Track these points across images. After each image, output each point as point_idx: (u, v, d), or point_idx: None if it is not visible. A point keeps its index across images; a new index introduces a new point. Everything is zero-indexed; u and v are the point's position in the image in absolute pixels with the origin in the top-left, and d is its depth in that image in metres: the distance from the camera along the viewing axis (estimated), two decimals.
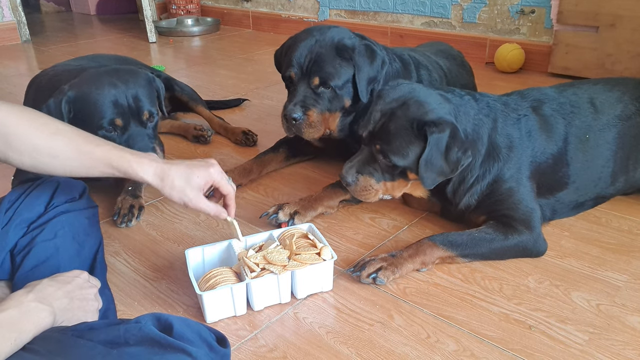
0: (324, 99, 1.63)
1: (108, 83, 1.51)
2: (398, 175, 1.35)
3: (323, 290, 1.25)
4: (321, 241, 1.27)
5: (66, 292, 0.94)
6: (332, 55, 1.61)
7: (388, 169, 1.34)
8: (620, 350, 1.07)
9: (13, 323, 0.81)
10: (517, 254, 1.36)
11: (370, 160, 1.36)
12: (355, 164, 1.37)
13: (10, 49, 3.98)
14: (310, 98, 1.62)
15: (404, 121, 1.29)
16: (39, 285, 0.91)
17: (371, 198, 1.39)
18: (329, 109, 1.65)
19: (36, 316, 0.84)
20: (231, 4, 4.69)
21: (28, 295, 0.87)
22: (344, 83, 1.62)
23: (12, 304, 0.84)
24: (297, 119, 1.61)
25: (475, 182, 1.39)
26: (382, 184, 1.37)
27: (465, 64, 2.20)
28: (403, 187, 1.40)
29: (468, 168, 1.37)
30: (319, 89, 1.62)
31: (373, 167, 1.36)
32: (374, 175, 1.36)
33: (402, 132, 1.29)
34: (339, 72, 1.61)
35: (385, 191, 1.39)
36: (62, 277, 0.97)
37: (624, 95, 1.55)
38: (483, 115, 1.38)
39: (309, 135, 1.66)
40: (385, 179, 1.36)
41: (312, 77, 1.61)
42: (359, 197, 1.39)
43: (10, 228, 1.11)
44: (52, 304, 0.89)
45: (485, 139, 1.37)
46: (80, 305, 0.95)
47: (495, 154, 1.38)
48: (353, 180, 1.36)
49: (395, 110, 1.31)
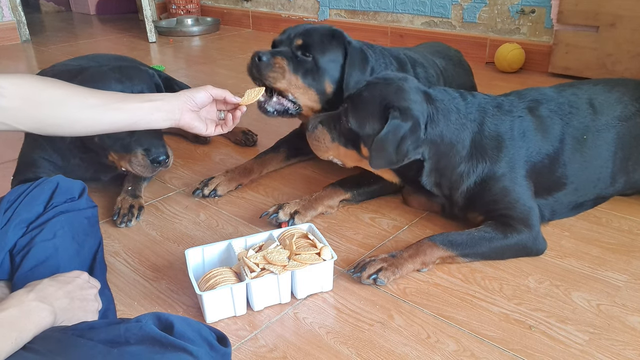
0: (301, 64, 1.56)
1: (114, 79, 1.51)
2: (352, 143, 1.39)
3: (323, 291, 1.25)
4: (321, 241, 1.27)
5: (67, 292, 0.94)
6: (324, 34, 1.60)
7: (345, 132, 1.39)
8: (621, 351, 1.07)
9: (13, 322, 0.81)
10: (517, 253, 1.36)
11: (337, 118, 1.41)
12: (323, 115, 1.45)
13: (10, 49, 3.98)
14: (286, 54, 1.56)
15: (378, 94, 1.34)
16: (39, 285, 0.91)
17: (320, 153, 1.46)
18: (303, 77, 1.57)
19: (37, 315, 0.84)
20: (231, 3, 4.69)
21: (29, 294, 0.87)
22: (328, 62, 1.58)
23: (12, 303, 0.84)
24: (262, 58, 1.54)
25: (460, 180, 1.40)
26: (335, 145, 1.42)
27: (463, 63, 2.20)
28: (355, 160, 1.43)
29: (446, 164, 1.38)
30: (298, 52, 1.56)
31: (334, 124, 1.41)
32: (332, 133, 1.41)
33: (370, 104, 1.34)
34: (326, 48, 1.57)
35: (336, 154, 1.45)
36: (63, 277, 0.97)
37: (624, 96, 1.54)
38: (468, 120, 1.39)
39: (270, 79, 1.54)
40: (340, 141, 1.41)
41: (296, 39, 1.57)
42: (311, 146, 1.46)
43: (10, 228, 1.10)
44: (53, 303, 0.89)
45: (467, 142, 1.38)
46: (80, 305, 0.95)
47: (480, 155, 1.38)
48: (313, 127, 1.44)
49: (378, 84, 1.37)
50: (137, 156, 1.51)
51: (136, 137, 1.50)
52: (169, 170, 1.91)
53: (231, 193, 1.75)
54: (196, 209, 1.66)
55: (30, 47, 4.07)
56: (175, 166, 1.97)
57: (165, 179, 1.87)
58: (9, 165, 1.77)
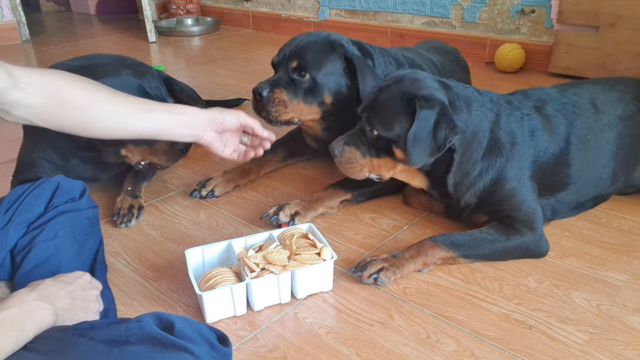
0: (299, 87, 1.57)
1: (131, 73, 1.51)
2: (383, 151, 1.33)
3: (323, 291, 1.25)
4: (321, 241, 1.27)
5: (68, 292, 0.94)
6: (321, 46, 1.58)
7: (374, 141, 1.33)
8: (621, 351, 1.07)
9: (14, 322, 0.81)
10: (520, 255, 1.36)
11: (360, 134, 1.36)
12: (345, 136, 1.37)
13: (10, 49, 3.98)
14: (283, 80, 1.57)
15: (396, 93, 1.29)
16: (41, 285, 0.91)
17: (356, 173, 1.38)
18: (303, 99, 1.58)
19: (38, 315, 0.84)
20: (231, 3, 4.69)
21: (30, 294, 0.87)
22: (325, 75, 1.57)
23: (14, 302, 0.84)
24: (262, 95, 1.56)
25: (478, 178, 1.37)
26: (368, 160, 1.35)
27: (460, 59, 2.19)
28: (390, 167, 1.37)
29: (469, 158, 1.35)
30: (295, 75, 1.57)
31: (360, 141, 1.35)
32: (360, 149, 1.35)
33: (392, 103, 1.28)
34: (321, 62, 1.56)
35: (371, 169, 1.38)
36: (65, 277, 0.97)
37: (625, 95, 1.55)
38: (486, 109, 1.37)
39: (275, 115, 1.57)
40: (371, 154, 1.35)
41: (291, 62, 1.57)
42: (344, 171, 1.38)
43: (10, 228, 1.11)
44: (55, 303, 0.89)
45: (487, 132, 1.35)
46: (82, 305, 0.95)
47: (498, 149, 1.36)
48: (339, 151, 1.36)
49: (390, 84, 1.32)
50: (161, 146, 1.51)
51: None
52: (169, 170, 1.91)
53: (231, 193, 1.75)
54: (196, 209, 1.66)
55: (30, 47, 4.07)
56: (175, 166, 1.97)
57: (165, 179, 1.87)
58: (9, 165, 1.77)
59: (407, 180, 1.44)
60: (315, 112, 1.64)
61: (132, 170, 1.74)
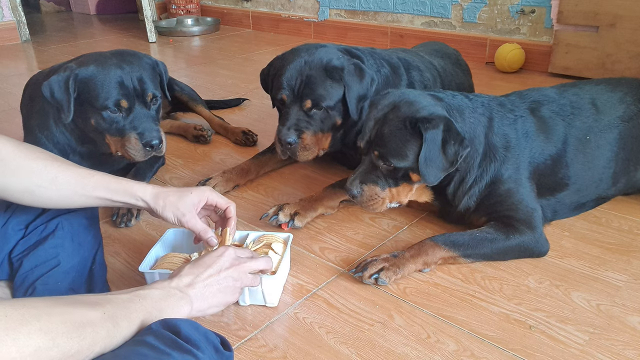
0: (316, 120, 1.62)
1: (114, 64, 1.52)
2: (401, 178, 1.34)
3: (266, 304, 1.21)
4: (283, 256, 1.25)
5: (206, 277, 1.00)
6: (322, 76, 1.60)
7: (390, 173, 1.33)
8: (621, 351, 1.07)
9: (155, 300, 0.89)
10: (520, 254, 1.36)
11: (372, 169, 1.35)
12: (358, 175, 1.36)
13: (10, 49, 3.98)
14: (302, 121, 1.61)
15: (397, 122, 1.29)
16: (182, 273, 0.99)
17: (379, 207, 1.37)
18: (321, 130, 1.64)
19: (176, 303, 0.92)
20: (231, 3, 4.69)
21: (172, 282, 0.96)
22: (335, 103, 1.62)
23: (157, 286, 0.94)
24: (292, 143, 1.59)
25: (474, 184, 1.39)
26: (388, 191, 1.35)
27: (461, 62, 2.19)
28: (408, 191, 1.38)
29: (468, 167, 1.37)
30: (312, 111, 1.61)
31: (376, 175, 1.34)
32: (378, 183, 1.34)
33: (397, 133, 1.29)
34: (330, 93, 1.60)
35: (391, 198, 1.37)
36: (202, 261, 1.02)
37: (627, 96, 1.54)
38: (478, 114, 1.37)
39: (304, 157, 1.64)
40: (389, 185, 1.35)
41: (304, 100, 1.60)
42: (366, 208, 1.37)
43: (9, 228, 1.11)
44: (188, 292, 0.96)
45: (482, 138, 1.37)
46: (218, 288, 1.01)
47: (492, 154, 1.37)
48: (358, 191, 1.34)
49: (387, 114, 1.32)
50: (130, 140, 1.52)
51: (130, 121, 1.51)
52: (169, 170, 1.91)
53: (231, 193, 1.75)
54: None
55: (30, 47, 4.07)
56: (175, 166, 1.97)
57: (165, 179, 1.87)
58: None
59: (416, 198, 1.44)
60: (330, 136, 1.68)
61: (132, 169, 1.74)
